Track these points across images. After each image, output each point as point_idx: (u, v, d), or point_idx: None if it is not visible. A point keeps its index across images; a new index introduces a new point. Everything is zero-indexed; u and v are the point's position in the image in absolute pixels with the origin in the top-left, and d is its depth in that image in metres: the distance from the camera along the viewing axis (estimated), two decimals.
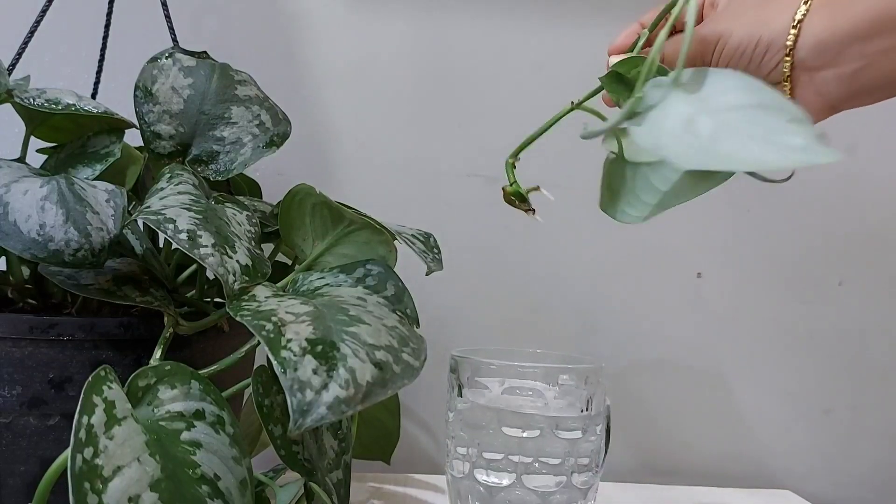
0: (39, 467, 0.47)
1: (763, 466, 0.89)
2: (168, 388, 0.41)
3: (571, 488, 0.58)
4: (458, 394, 0.60)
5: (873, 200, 0.89)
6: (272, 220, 0.58)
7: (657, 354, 0.87)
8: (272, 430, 0.43)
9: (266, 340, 0.38)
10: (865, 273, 0.89)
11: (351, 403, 0.37)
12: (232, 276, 0.44)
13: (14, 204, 0.45)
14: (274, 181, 0.81)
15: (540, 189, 0.46)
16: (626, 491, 0.80)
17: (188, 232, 0.44)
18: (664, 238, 0.85)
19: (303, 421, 0.36)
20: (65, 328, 0.47)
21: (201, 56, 0.60)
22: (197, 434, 0.40)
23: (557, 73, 0.83)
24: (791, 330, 0.88)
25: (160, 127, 0.57)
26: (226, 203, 0.52)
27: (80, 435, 0.34)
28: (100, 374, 0.38)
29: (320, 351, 0.38)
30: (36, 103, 0.53)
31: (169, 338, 0.48)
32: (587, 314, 0.87)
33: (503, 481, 0.57)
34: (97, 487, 0.34)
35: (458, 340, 0.83)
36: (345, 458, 0.50)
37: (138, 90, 0.57)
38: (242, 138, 0.58)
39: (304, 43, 0.83)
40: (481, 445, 0.58)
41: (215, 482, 0.38)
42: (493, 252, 0.85)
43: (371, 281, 0.49)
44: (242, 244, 0.47)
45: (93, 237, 0.45)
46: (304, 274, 0.51)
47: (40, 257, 0.44)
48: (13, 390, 0.47)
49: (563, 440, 0.57)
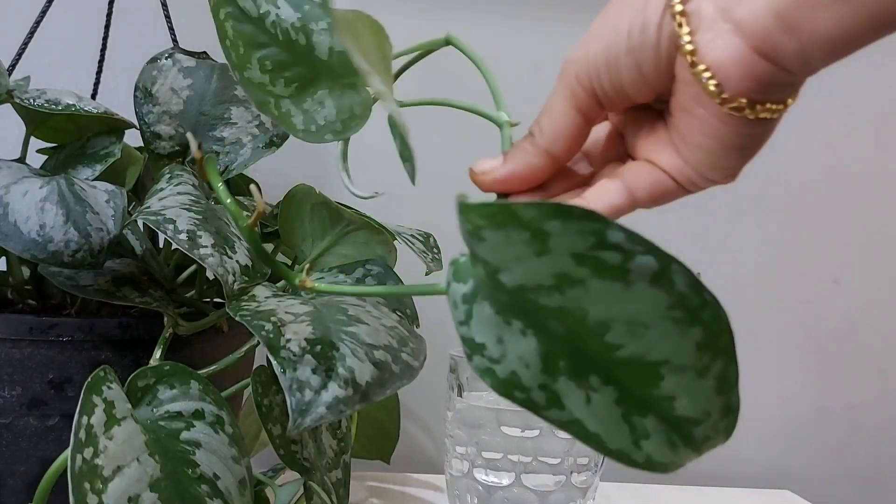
0: (39, 468, 0.47)
1: (762, 466, 0.90)
2: (167, 389, 0.41)
3: (570, 487, 0.58)
4: (457, 393, 0.60)
5: (869, 198, 0.89)
6: (272, 221, 0.58)
7: None
8: (271, 429, 0.43)
9: (265, 340, 0.38)
10: (862, 271, 0.89)
11: (350, 403, 0.37)
12: (231, 276, 0.44)
13: (14, 205, 0.45)
14: (274, 181, 0.81)
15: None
16: (625, 491, 0.80)
17: (188, 232, 0.44)
18: (662, 237, 0.85)
19: (302, 420, 0.36)
20: (64, 329, 0.47)
21: (201, 56, 0.60)
22: (196, 434, 0.40)
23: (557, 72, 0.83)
24: (788, 329, 0.88)
25: (160, 127, 0.57)
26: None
27: (80, 435, 0.35)
28: (99, 375, 0.38)
29: (319, 351, 0.38)
30: (36, 104, 0.53)
31: (168, 338, 0.48)
32: None
33: (502, 480, 0.57)
34: (97, 487, 0.34)
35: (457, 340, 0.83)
36: (344, 458, 0.50)
37: (138, 91, 0.57)
38: (242, 139, 0.58)
39: None
40: (480, 445, 0.58)
41: (215, 482, 0.38)
42: None
43: (371, 281, 0.49)
44: (242, 244, 0.47)
45: (92, 238, 0.45)
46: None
47: (40, 258, 0.44)
48: (13, 391, 0.47)
49: (563, 439, 0.57)
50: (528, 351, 0.28)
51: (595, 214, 0.24)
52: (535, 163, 0.35)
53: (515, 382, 0.28)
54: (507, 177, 0.36)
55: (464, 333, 0.29)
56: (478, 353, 0.29)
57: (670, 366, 0.26)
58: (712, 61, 0.30)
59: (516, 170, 0.35)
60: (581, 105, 0.34)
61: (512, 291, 0.27)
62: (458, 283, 0.30)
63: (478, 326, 0.29)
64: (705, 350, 0.26)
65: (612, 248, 0.24)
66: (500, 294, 0.28)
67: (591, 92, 0.34)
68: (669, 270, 0.25)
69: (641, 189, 0.35)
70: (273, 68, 0.37)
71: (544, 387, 0.27)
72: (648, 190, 0.35)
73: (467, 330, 0.29)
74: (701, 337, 0.26)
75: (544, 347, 0.27)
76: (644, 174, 0.35)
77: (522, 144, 0.36)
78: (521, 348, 0.28)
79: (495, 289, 0.28)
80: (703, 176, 0.34)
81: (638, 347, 0.26)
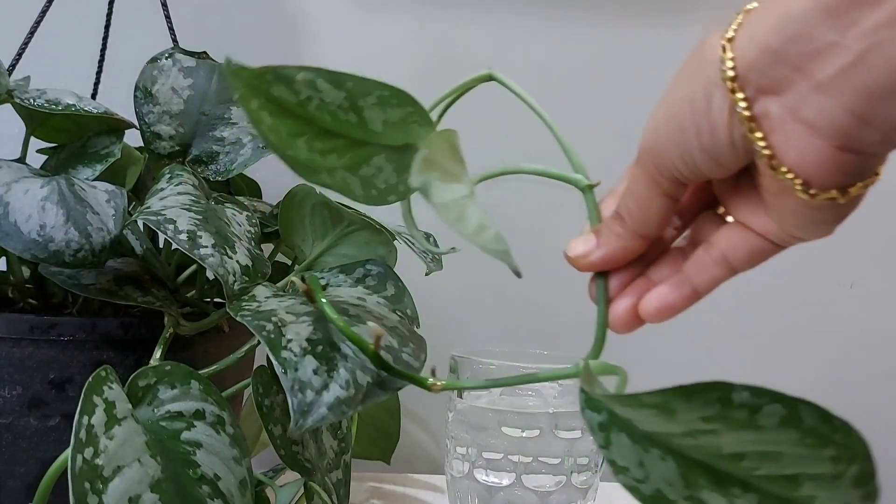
0: (40, 468, 0.47)
1: None
2: (168, 389, 0.41)
3: (571, 488, 0.58)
4: (457, 394, 0.60)
5: (886, 202, 0.88)
6: (272, 221, 0.58)
7: (658, 354, 0.87)
8: (272, 429, 0.43)
9: (266, 341, 0.38)
10: (877, 275, 0.89)
11: (351, 404, 0.37)
12: (232, 276, 0.44)
13: (14, 204, 0.45)
14: (274, 181, 0.81)
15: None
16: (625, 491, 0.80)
17: (188, 232, 0.44)
18: None
19: (304, 421, 0.36)
20: (65, 328, 0.47)
21: (201, 56, 0.60)
22: (197, 434, 0.40)
23: (557, 72, 0.83)
24: (801, 331, 0.88)
25: (160, 127, 0.57)
26: (226, 203, 0.52)
27: (81, 435, 0.35)
28: (100, 375, 0.38)
29: (321, 351, 0.38)
30: (36, 103, 0.53)
31: (169, 338, 0.48)
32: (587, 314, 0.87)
33: (503, 481, 0.57)
34: (97, 488, 0.34)
35: (458, 340, 0.83)
36: (344, 458, 0.50)
37: (138, 91, 0.57)
38: (242, 139, 0.58)
39: (304, 43, 0.83)
40: (481, 445, 0.58)
41: (215, 482, 0.38)
42: None
43: (371, 281, 0.49)
44: (242, 244, 0.47)
45: (93, 237, 0.45)
46: (304, 274, 0.51)
47: (41, 257, 0.44)
48: (13, 391, 0.47)
49: (563, 440, 0.57)
50: (669, 472, 0.29)
51: (717, 385, 0.26)
52: (629, 245, 0.36)
53: (662, 497, 0.30)
54: (602, 260, 0.37)
55: (606, 456, 0.31)
56: (622, 474, 0.31)
57: (807, 475, 0.28)
58: (793, 163, 0.29)
59: (611, 253, 0.36)
60: (666, 190, 0.34)
61: (645, 433, 0.29)
62: (593, 412, 0.31)
63: (618, 451, 0.30)
64: (839, 461, 0.27)
65: (738, 407, 0.26)
66: (635, 431, 0.30)
67: (673, 179, 0.34)
68: (797, 412, 0.26)
69: (739, 259, 0.35)
70: (322, 148, 0.35)
71: (690, 497, 0.29)
72: (746, 258, 0.35)
73: (608, 454, 0.31)
74: (834, 453, 0.27)
75: (684, 469, 0.29)
76: (741, 244, 0.35)
77: (613, 227, 0.36)
78: (662, 470, 0.30)
79: (630, 427, 0.30)
80: (799, 238, 0.34)
81: (773, 469, 0.28)
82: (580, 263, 0.37)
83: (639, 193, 0.35)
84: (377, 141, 0.36)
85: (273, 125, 0.33)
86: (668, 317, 0.36)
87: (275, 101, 0.33)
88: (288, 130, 0.33)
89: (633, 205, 0.35)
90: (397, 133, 0.36)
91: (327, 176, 0.35)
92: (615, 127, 0.76)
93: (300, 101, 0.34)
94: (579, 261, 0.37)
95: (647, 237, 0.36)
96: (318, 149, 0.35)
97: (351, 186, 0.36)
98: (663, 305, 0.36)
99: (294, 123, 0.34)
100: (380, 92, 0.35)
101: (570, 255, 0.37)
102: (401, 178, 0.37)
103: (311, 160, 0.34)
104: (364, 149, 0.36)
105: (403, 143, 0.37)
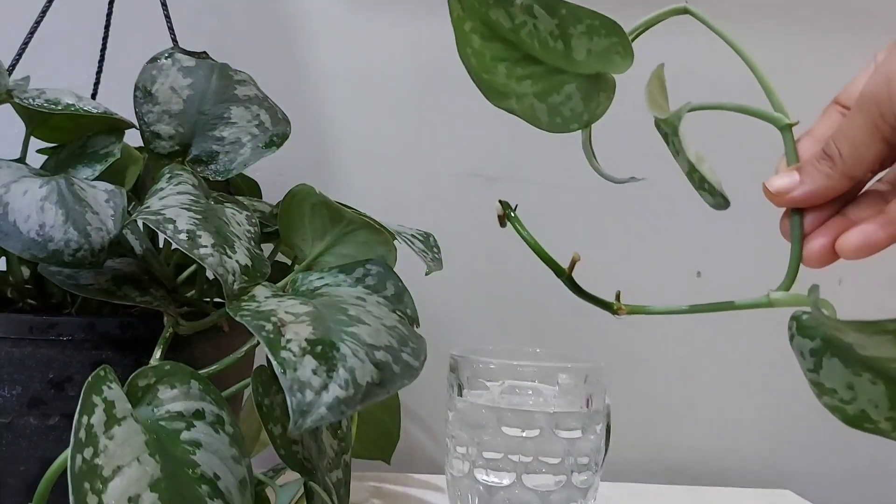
0: (39, 467, 0.47)
1: (762, 466, 0.90)
2: (168, 388, 0.41)
3: (571, 487, 0.58)
4: (457, 393, 0.60)
5: None
6: (272, 220, 0.58)
7: (657, 354, 0.88)
8: (272, 429, 0.43)
9: (266, 340, 0.38)
10: (865, 272, 0.89)
11: (351, 404, 0.37)
12: (231, 276, 0.44)
13: (14, 204, 0.45)
14: (274, 181, 0.81)
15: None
16: (625, 491, 0.80)
17: (188, 232, 0.44)
18: (664, 237, 0.85)
19: (303, 421, 0.36)
20: (65, 328, 0.47)
21: (201, 56, 0.60)
22: (197, 434, 0.40)
23: None
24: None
25: (160, 127, 0.57)
26: (225, 203, 0.52)
27: (80, 435, 0.35)
28: (99, 374, 0.38)
29: (320, 351, 0.38)
30: (36, 103, 0.53)
31: (169, 338, 0.48)
32: (587, 314, 0.87)
33: (503, 481, 0.57)
34: (97, 487, 0.34)
35: (458, 340, 0.83)
36: (344, 458, 0.50)
37: (138, 90, 0.57)
38: (242, 138, 0.58)
39: (304, 43, 0.83)
40: (481, 445, 0.58)
41: (215, 482, 0.38)
42: (493, 252, 0.85)
43: (371, 281, 0.49)
44: (242, 244, 0.47)
45: (92, 237, 0.45)
46: (304, 274, 0.51)
47: (40, 257, 0.44)
48: (13, 390, 0.47)
49: (563, 439, 0.57)
50: (878, 395, 0.32)
51: None
52: (837, 186, 0.37)
53: (865, 417, 0.33)
54: (804, 196, 0.38)
55: (812, 379, 0.33)
56: (827, 395, 0.33)
57: None
58: None
59: (815, 190, 0.37)
60: (886, 136, 0.35)
61: (863, 358, 0.31)
62: (805, 338, 0.34)
63: (828, 374, 0.33)
64: None
65: None
66: (852, 356, 0.32)
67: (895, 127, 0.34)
68: None
69: None
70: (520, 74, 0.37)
71: (891, 419, 0.32)
72: None
73: (816, 377, 0.33)
74: None
75: (892, 392, 0.32)
76: None
77: (821, 167, 0.37)
78: (871, 393, 0.32)
79: (847, 352, 0.32)
80: None
81: None
82: (780, 199, 0.38)
83: (854, 137, 0.35)
84: (574, 69, 0.37)
85: (480, 48, 0.35)
86: (867, 254, 0.38)
87: (489, 24, 0.35)
88: (493, 55, 0.35)
89: (847, 147, 0.36)
90: (597, 62, 0.37)
91: (516, 101, 0.37)
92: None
93: (515, 25, 0.35)
94: (780, 196, 0.38)
95: (854, 179, 0.37)
96: (516, 75, 0.36)
97: (537, 113, 0.38)
98: (867, 242, 0.37)
99: (502, 48, 0.35)
100: (590, 21, 0.36)
101: (770, 190, 0.38)
102: (587, 106, 0.38)
103: (506, 85, 0.36)
104: (559, 76, 0.37)
105: (596, 71, 0.38)
